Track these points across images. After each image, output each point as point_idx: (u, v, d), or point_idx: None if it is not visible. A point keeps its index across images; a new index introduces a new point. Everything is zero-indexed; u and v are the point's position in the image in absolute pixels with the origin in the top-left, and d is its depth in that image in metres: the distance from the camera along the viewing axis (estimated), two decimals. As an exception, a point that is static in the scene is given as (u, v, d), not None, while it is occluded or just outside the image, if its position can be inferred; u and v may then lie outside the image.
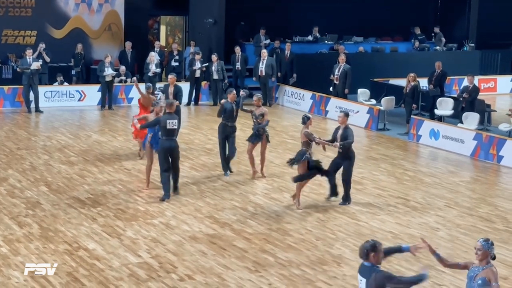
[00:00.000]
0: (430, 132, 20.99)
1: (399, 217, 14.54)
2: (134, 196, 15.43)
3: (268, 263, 11.99)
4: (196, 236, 13.14)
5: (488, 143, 19.36)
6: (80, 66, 26.89)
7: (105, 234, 13.12)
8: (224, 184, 16.40)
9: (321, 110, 24.72)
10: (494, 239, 13.28)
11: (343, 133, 14.83)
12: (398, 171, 18.09)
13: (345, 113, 15.12)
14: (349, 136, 14.80)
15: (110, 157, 18.51)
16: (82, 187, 16.00)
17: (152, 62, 25.43)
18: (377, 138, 21.96)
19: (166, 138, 14.89)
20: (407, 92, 22.39)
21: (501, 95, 29.77)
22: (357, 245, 12.86)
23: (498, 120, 22.64)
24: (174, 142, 14.98)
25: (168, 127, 14.82)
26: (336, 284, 11.21)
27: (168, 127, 14.82)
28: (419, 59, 29.74)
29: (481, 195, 16.35)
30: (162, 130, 14.93)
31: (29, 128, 22.14)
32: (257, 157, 16.95)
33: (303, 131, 14.72)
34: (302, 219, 14.22)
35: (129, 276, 11.31)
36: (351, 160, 15.02)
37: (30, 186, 15.99)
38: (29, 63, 23.85)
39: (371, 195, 15.98)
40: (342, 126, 14.90)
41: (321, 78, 25.51)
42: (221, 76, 25.97)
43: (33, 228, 13.33)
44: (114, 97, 25.44)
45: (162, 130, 14.95)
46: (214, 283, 11.13)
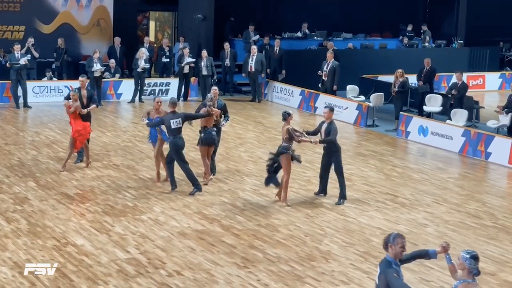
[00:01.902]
0: (419, 128, 21.04)
1: (388, 213, 14.57)
2: (123, 192, 15.40)
3: (256, 259, 11.99)
4: (185, 232, 13.13)
5: (476, 140, 19.42)
6: (61, 60, 26.82)
7: (93, 230, 13.10)
8: (213, 180, 16.38)
9: (310, 106, 24.74)
10: (482, 235, 13.40)
11: (327, 127, 14.81)
12: (386, 168, 18.13)
13: (330, 108, 15.05)
14: (332, 131, 14.74)
15: (99, 153, 18.46)
16: (70, 182, 15.96)
17: (141, 58, 25.38)
18: (366, 135, 21.99)
19: (173, 138, 14.97)
20: (395, 88, 22.37)
21: (489, 92, 29.87)
22: (345, 241, 12.92)
23: (487, 117, 22.71)
24: (181, 140, 15.12)
25: (173, 127, 14.91)
26: (324, 280, 11.22)
27: (173, 126, 14.92)
28: (408, 56, 29.81)
29: (469, 191, 16.39)
30: (168, 130, 14.99)
31: (17, 123, 22.07)
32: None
33: (286, 127, 14.63)
34: (290, 215, 14.23)
35: (118, 272, 11.30)
36: (338, 153, 14.96)
37: (18, 181, 15.94)
38: (17, 58, 23.76)
39: (359, 191, 16.00)
40: (327, 121, 14.88)
41: (310, 74, 25.52)
42: (210, 72, 25.95)
43: (21, 224, 13.29)
44: (103, 92, 25.39)
45: (167, 130, 15.02)
46: (202, 279, 11.12)
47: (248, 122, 22.98)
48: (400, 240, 7.70)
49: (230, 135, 21.10)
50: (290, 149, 14.61)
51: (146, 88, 26.02)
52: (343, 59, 26.13)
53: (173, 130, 14.95)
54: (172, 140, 15.02)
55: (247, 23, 29.69)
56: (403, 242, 7.71)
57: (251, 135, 21.10)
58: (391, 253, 7.69)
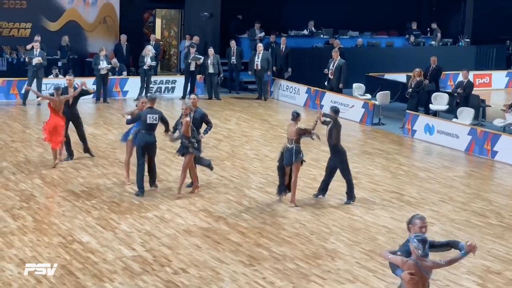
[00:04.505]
0: (425, 127, 21.01)
1: (394, 211, 14.55)
2: (129, 189, 15.40)
3: (262, 257, 11.99)
4: (191, 230, 13.13)
5: (482, 138, 19.38)
6: (67, 58, 26.87)
7: (99, 227, 13.11)
8: (219, 178, 16.39)
9: (316, 104, 24.70)
10: (488, 234, 13.39)
11: (330, 127, 14.71)
12: (392, 166, 18.11)
13: (335, 110, 14.94)
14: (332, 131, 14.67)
15: (105, 150, 18.48)
16: (76, 180, 15.98)
17: (147, 55, 25.39)
18: (372, 133, 21.97)
19: (145, 132, 14.86)
20: (412, 87, 22.28)
21: (496, 91, 29.80)
22: (351, 239, 12.91)
23: (493, 115, 22.67)
24: (152, 137, 14.91)
25: (148, 122, 14.77)
26: (330, 278, 11.22)
27: (148, 121, 14.76)
28: (415, 54, 29.78)
29: (475, 190, 16.37)
30: (142, 124, 14.87)
31: (24, 120, 22.09)
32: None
33: (295, 128, 14.53)
34: (296, 213, 14.22)
35: (123, 269, 11.30)
36: (342, 157, 14.84)
37: (24, 178, 15.96)
38: (35, 55, 23.90)
39: (365, 189, 15.99)
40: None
41: (316, 72, 25.50)
42: (217, 70, 25.96)
43: (27, 221, 13.31)
44: (109, 90, 25.41)
45: (142, 124, 14.88)
46: (208, 276, 11.13)
47: (254, 120, 22.97)
48: (419, 220, 7.92)
49: (236, 133, 21.10)
50: (301, 153, 14.52)
51: (152, 86, 26.03)
52: (349, 57, 26.10)
53: (148, 125, 14.75)
54: (142, 134, 14.86)
55: (253, 21, 29.68)
56: (422, 222, 7.90)
57: (257, 133, 21.10)
58: (411, 233, 7.88)
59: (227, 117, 23.25)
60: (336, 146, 14.80)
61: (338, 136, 14.72)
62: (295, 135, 14.49)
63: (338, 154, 14.84)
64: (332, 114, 14.74)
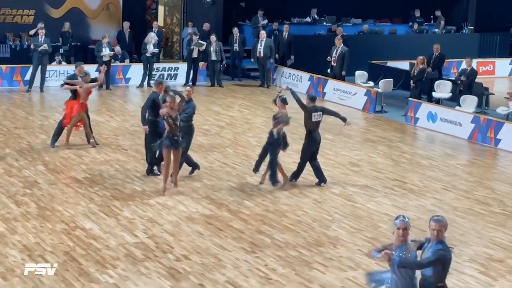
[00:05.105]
0: (428, 114, 20.99)
1: (396, 199, 14.56)
2: (131, 176, 15.43)
3: (264, 244, 12.01)
4: (193, 217, 13.15)
5: (485, 126, 19.36)
6: (68, 44, 26.85)
7: (102, 214, 13.14)
8: (221, 165, 16.41)
9: (318, 92, 24.67)
10: (490, 222, 13.41)
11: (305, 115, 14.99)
12: (395, 154, 18.10)
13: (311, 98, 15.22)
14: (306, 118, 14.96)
15: (108, 137, 18.49)
16: (79, 166, 16.00)
17: (150, 42, 25.36)
18: (375, 121, 21.95)
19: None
20: (414, 74, 22.28)
21: (499, 78, 29.74)
22: (353, 227, 12.92)
23: (496, 103, 22.64)
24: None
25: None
26: (332, 265, 11.24)
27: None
28: (418, 42, 29.68)
29: (478, 178, 16.37)
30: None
31: (27, 107, 22.09)
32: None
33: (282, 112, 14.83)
34: (298, 201, 14.24)
35: (126, 255, 11.33)
36: (309, 144, 15.02)
37: (27, 165, 15.98)
38: (40, 42, 23.88)
39: (368, 177, 15.99)
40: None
41: (319, 60, 25.45)
42: (219, 57, 25.93)
43: (30, 207, 13.34)
44: (112, 77, 25.40)
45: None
46: (210, 263, 11.15)
47: (256, 107, 22.96)
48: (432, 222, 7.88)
49: (238, 120, 21.09)
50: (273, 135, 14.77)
51: (155, 73, 26.00)
52: (352, 44, 26.06)
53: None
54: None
55: (256, 8, 29.59)
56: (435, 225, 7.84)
57: (259, 120, 21.09)
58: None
59: (229, 104, 23.25)
60: (308, 132, 14.99)
61: (311, 123, 14.91)
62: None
63: (308, 139, 15.01)
64: (307, 101, 14.97)
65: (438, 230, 7.77)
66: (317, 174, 15.21)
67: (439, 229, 7.77)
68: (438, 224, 7.78)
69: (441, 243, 7.75)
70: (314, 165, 15.17)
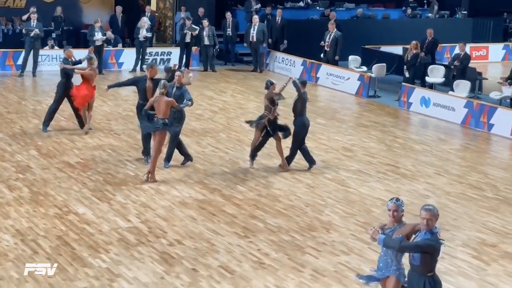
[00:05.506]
0: (421, 99, 20.99)
1: (389, 184, 14.57)
2: (124, 161, 15.41)
3: (257, 228, 12.02)
4: (186, 202, 13.15)
5: (479, 111, 19.38)
6: (60, 29, 26.75)
7: (94, 199, 13.12)
8: (214, 150, 16.40)
9: (311, 76, 24.65)
10: (483, 207, 13.44)
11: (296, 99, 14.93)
12: (388, 138, 18.11)
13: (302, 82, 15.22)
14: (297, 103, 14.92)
15: (100, 122, 18.45)
16: (72, 151, 15.97)
17: (143, 27, 25.28)
18: (368, 105, 21.95)
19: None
20: (408, 59, 22.29)
21: (492, 63, 29.74)
22: (346, 211, 12.93)
23: (489, 88, 22.64)
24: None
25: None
26: (325, 250, 11.25)
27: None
28: (411, 26, 29.66)
29: (471, 163, 16.39)
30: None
31: (19, 92, 22.02)
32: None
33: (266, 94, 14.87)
34: (291, 185, 14.24)
35: (119, 240, 11.33)
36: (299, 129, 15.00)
37: (20, 150, 15.94)
38: (32, 26, 23.79)
39: (361, 162, 16.00)
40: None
41: (312, 45, 25.42)
42: (212, 42, 25.88)
43: (23, 192, 13.32)
44: (104, 61, 25.33)
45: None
46: (203, 248, 11.15)
47: (249, 92, 22.93)
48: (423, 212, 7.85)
49: (231, 105, 21.07)
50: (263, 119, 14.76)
51: (148, 57, 25.93)
52: (345, 29, 26.01)
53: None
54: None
55: (249, -8, 29.51)
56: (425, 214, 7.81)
57: (252, 105, 21.06)
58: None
59: (222, 89, 23.21)
60: (298, 117, 14.97)
61: (303, 108, 14.93)
62: (265, 102, 14.86)
63: (297, 125, 15.00)
64: (300, 85, 14.94)
65: (428, 219, 7.76)
66: (307, 158, 15.20)
67: (429, 218, 7.76)
68: (428, 213, 7.77)
69: (431, 234, 7.75)
70: (302, 148, 15.17)
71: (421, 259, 7.78)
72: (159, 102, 13.88)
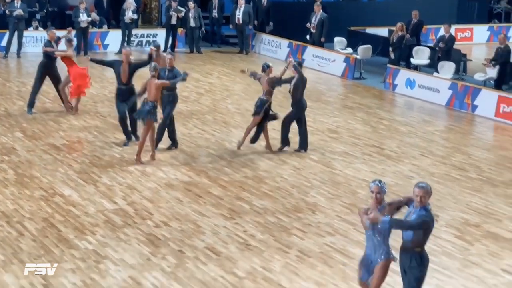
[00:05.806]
0: (406, 81, 21.06)
1: (374, 165, 14.65)
2: (110, 143, 15.40)
3: (243, 210, 12.07)
4: (172, 183, 13.18)
5: (463, 93, 19.47)
6: (45, 10, 26.63)
7: (80, 181, 13.13)
8: (200, 132, 16.42)
9: (297, 58, 24.63)
10: (467, 187, 13.53)
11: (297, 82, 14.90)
12: (373, 120, 18.18)
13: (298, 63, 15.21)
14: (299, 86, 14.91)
15: (86, 104, 18.40)
16: (57, 133, 15.95)
17: (128, 8, 25.18)
18: (353, 87, 22.00)
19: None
20: (393, 41, 22.33)
21: (477, 45, 29.80)
22: (331, 193, 13.00)
23: (474, 70, 22.71)
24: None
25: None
26: (310, 231, 11.32)
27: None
28: (397, 8, 29.60)
29: (455, 144, 16.49)
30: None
31: (3, 73, 21.94)
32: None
33: (266, 78, 14.84)
34: (277, 167, 14.29)
35: (105, 222, 11.36)
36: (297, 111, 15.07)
37: (5, 132, 15.91)
38: (16, 7, 23.67)
39: (346, 143, 16.07)
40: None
41: (298, 26, 25.38)
42: (198, 24, 25.81)
43: (8, 174, 13.31)
44: (90, 43, 25.23)
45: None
46: (189, 229, 11.20)
47: (235, 74, 22.90)
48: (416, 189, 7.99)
49: (218, 87, 21.07)
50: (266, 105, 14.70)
51: (133, 39, 25.86)
52: (331, 11, 26.00)
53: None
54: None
55: (235, -27, 29.40)
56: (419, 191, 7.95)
57: (238, 87, 21.07)
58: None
59: (208, 71, 23.19)
60: (298, 101, 14.98)
61: (303, 91, 14.97)
62: (266, 86, 14.81)
63: (296, 108, 15.03)
64: (298, 67, 14.95)
65: (422, 196, 7.93)
66: (284, 136, 15.23)
67: (422, 195, 7.93)
68: (422, 190, 7.94)
69: (425, 210, 7.91)
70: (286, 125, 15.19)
71: (414, 234, 7.93)
72: (150, 85, 13.90)
